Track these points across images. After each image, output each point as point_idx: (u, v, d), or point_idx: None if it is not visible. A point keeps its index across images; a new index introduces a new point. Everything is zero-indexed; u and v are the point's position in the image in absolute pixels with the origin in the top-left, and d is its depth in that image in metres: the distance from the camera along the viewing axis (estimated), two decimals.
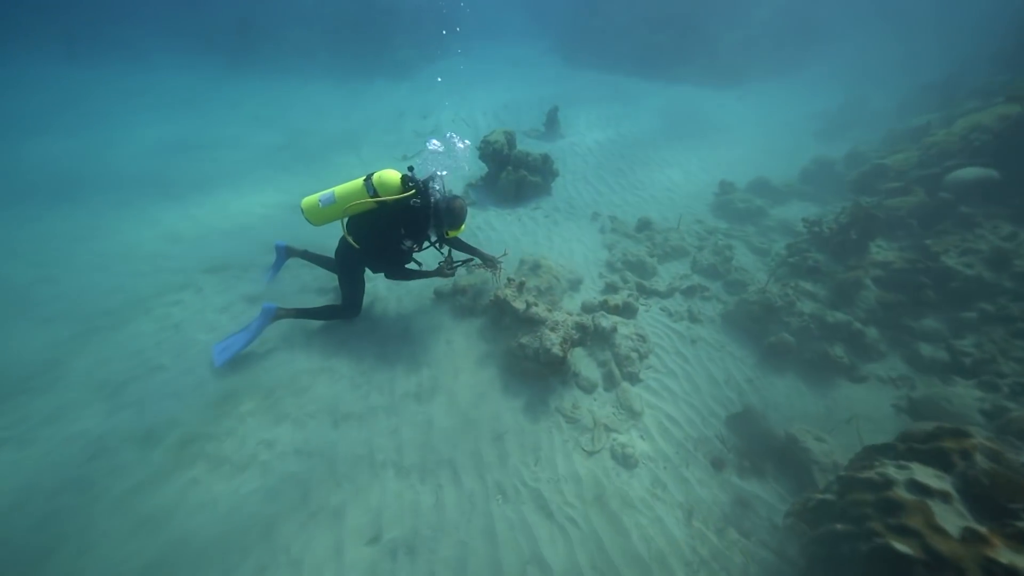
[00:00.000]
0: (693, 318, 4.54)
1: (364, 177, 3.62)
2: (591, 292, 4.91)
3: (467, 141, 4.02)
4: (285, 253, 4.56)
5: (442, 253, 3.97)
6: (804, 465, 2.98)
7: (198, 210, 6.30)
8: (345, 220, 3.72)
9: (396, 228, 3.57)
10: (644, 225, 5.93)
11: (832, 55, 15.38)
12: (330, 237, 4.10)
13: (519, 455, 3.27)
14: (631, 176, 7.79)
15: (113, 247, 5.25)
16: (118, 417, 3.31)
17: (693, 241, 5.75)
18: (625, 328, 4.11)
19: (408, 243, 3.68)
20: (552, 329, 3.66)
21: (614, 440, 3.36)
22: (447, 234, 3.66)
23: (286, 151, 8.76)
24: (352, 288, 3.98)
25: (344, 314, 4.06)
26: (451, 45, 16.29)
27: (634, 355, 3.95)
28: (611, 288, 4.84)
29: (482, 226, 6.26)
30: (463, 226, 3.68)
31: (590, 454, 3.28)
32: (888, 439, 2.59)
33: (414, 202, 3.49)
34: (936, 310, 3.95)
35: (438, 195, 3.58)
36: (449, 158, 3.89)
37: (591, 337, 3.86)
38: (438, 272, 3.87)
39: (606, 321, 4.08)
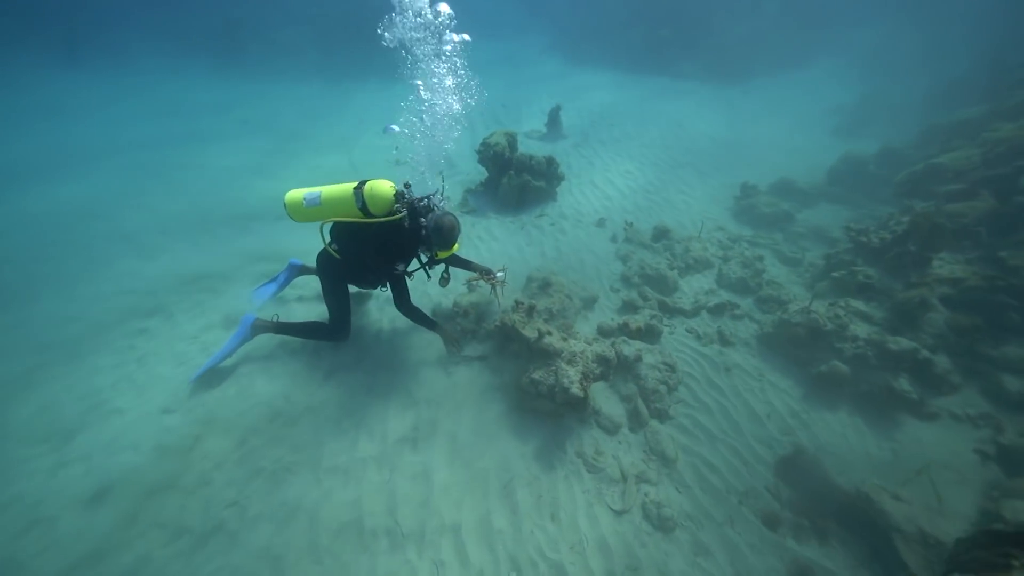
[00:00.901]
0: (724, 341, 4.04)
1: (355, 184, 3.14)
2: (607, 311, 4.41)
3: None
4: (298, 272, 4.15)
5: (429, 274, 3.47)
6: (881, 531, 2.48)
7: (175, 223, 5.80)
8: (327, 226, 3.28)
9: (384, 250, 3.14)
10: (661, 233, 5.42)
11: (843, 48, 14.86)
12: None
13: (534, 514, 2.77)
14: (641, 179, 7.29)
15: (76, 266, 4.75)
16: (62, 476, 2.81)
17: (716, 251, 5.25)
18: (650, 356, 3.61)
19: (401, 265, 3.21)
20: (569, 363, 3.15)
21: (646, 496, 2.86)
22: (436, 255, 3.17)
23: (275, 156, 8.27)
24: (336, 303, 3.48)
25: (331, 334, 3.56)
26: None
27: (662, 388, 3.45)
28: (630, 307, 4.34)
29: (483, 236, 5.76)
30: (456, 246, 3.19)
31: (619, 513, 2.78)
32: (976, 495, 2.10)
33: (401, 221, 3.06)
34: (1021, 335, 3.44)
35: (432, 215, 3.09)
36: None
37: (614, 370, 3.36)
38: (445, 334, 3.50)
39: (628, 348, 3.58)
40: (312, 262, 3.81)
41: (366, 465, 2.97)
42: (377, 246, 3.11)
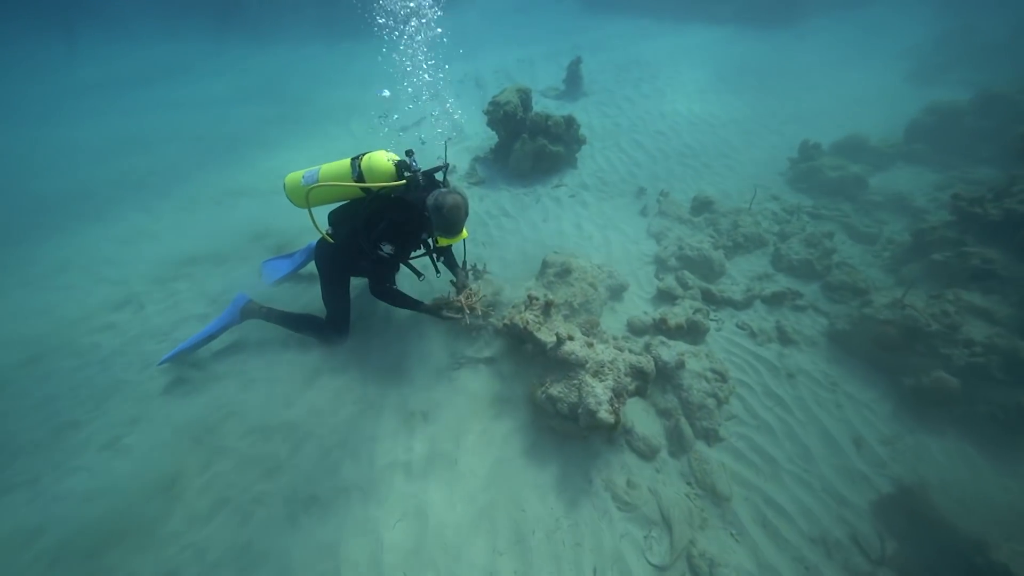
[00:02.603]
0: (785, 339, 3.30)
1: (352, 157, 2.75)
2: (639, 302, 3.70)
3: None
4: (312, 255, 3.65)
5: (437, 267, 2.94)
6: None
7: (162, 202, 5.28)
8: (326, 210, 2.88)
9: (375, 225, 2.65)
10: (703, 205, 4.57)
11: None
12: None
13: (553, 568, 2.23)
14: (676, 140, 6.30)
15: (51, 252, 4.31)
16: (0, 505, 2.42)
17: (770, 226, 4.38)
18: (696, 362, 2.92)
19: (387, 248, 2.60)
20: (596, 375, 2.51)
21: (692, 545, 2.27)
22: (437, 242, 2.54)
23: (274, 125, 7.57)
24: (334, 299, 3.02)
25: (327, 334, 3.08)
26: None
27: (710, 402, 2.78)
28: (666, 296, 3.61)
29: (492, 211, 5.03)
30: (463, 233, 2.56)
31: (659, 569, 2.20)
32: None
33: (399, 195, 2.60)
34: None
35: (435, 191, 2.56)
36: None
37: (651, 383, 2.69)
38: (435, 311, 2.88)
39: (668, 352, 2.90)
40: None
41: (349, 497, 2.47)
42: (365, 220, 2.65)
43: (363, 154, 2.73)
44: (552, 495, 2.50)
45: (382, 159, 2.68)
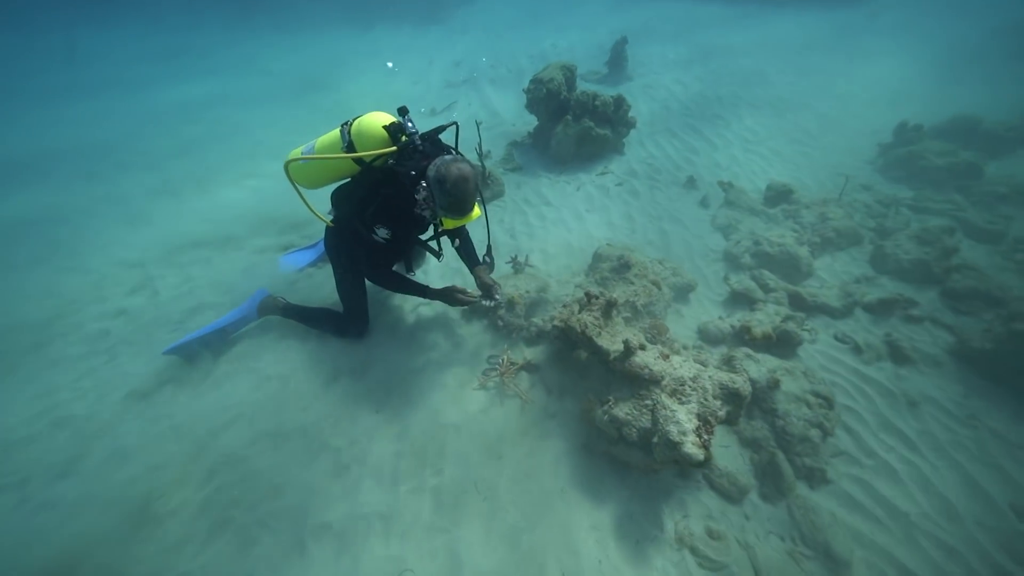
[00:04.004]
0: (899, 357, 2.67)
1: (344, 123, 2.32)
2: (708, 305, 3.14)
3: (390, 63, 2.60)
4: None
5: (439, 251, 2.54)
6: None
7: (183, 184, 5.09)
8: (298, 189, 2.46)
9: (369, 205, 2.25)
10: (780, 194, 3.93)
11: None
12: None
13: None
14: (736, 125, 5.62)
15: (68, 232, 4.15)
16: None
17: (863, 219, 3.70)
18: (792, 382, 2.35)
19: (383, 232, 2.24)
20: (675, 395, 1.99)
21: None
22: (441, 224, 2.17)
23: (300, 109, 7.36)
24: (348, 290, 2.66)
25: (344, 329, 2.76)
26: None
27: (814, 433, 2.21)
28: (742, 299, 3.04)
29: (531, 199, 4.56)
30: (474, 212, 2.10)
31: None
32: None
33: (391, 162, 2.17)
34: None
35: (438, 160, 2.08)
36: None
37: (745, 409, 2.14)
38: (446, 296, 2.45)
39: (756, 368, 2.35)
40: None
41: (369, 526, 2.06)
42: (359, 199, 2.26)
43: (356, 118, 2.29)
44: (612, 540, 2.01)
45: (372, 121, 2.23)
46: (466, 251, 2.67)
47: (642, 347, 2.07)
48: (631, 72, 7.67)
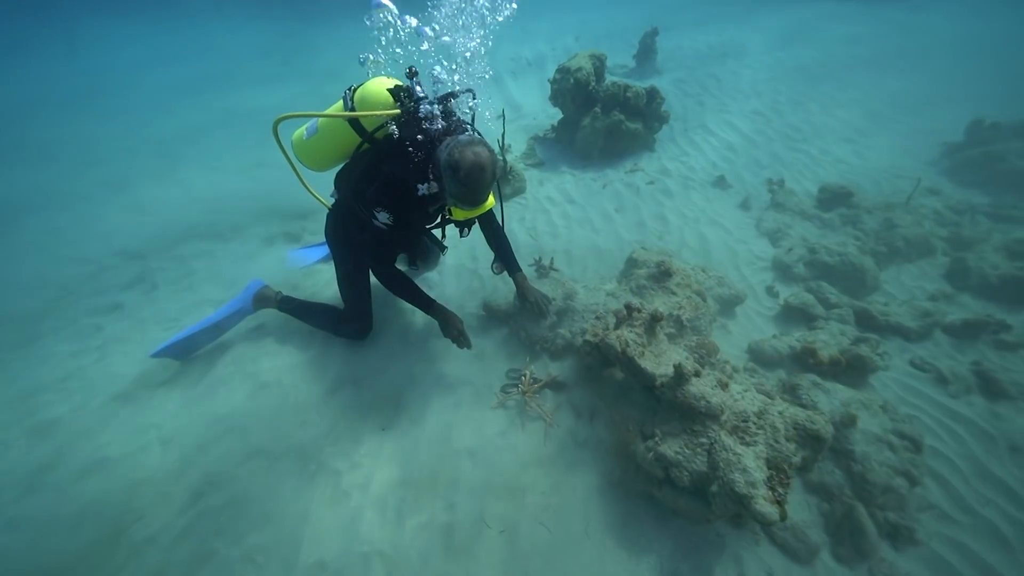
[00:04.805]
0: (993, 390, 2.27)
1: (345, 90, 2.08)
2: (758, 320, 2.77)
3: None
4: None
5: (443, 240, 2.32)
6: None
7: (189, 172, 4.92)
8: (289, 157, 2.27)
9: (370, 183, 1.99)
10: (837, 197, 3.53)
11: None
12: None
13: None
14: (779, 122, 5.19)
15: (70, 219, 3.99)
16: None
17: (932, 228, 3.28)
18: (870, 418, 1.98)
19: (383, 216, 1.96)
20: (737, 433, 1.65)
21: None
22: (449, 212, 1.95)
23: (314, 97, 7.17)
24: (349, 285, 2.41)
25: (344, 327, 2.51)
26: None
27: (899, 482, 1.84)
28: (798, 314, 2.66)
29: (554, 196, 4.24)
30: (488, 202, 1.84)
31: None
32: None
33: (394, 129, 1.87)
34: None
35: (451, 140, 1.79)
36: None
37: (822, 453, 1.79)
38: (446, 323, 2.23)
39: (826, 399, 1.99)
40: None
41: (368, 567, 1.78)
42: (360, 176, 2.02)
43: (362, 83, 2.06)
44: None
45: (377, 88, 1.97)
46: (501, 250, 2.39)
47: (697, 373, 1.73)
48: (660, 66, 7.28)
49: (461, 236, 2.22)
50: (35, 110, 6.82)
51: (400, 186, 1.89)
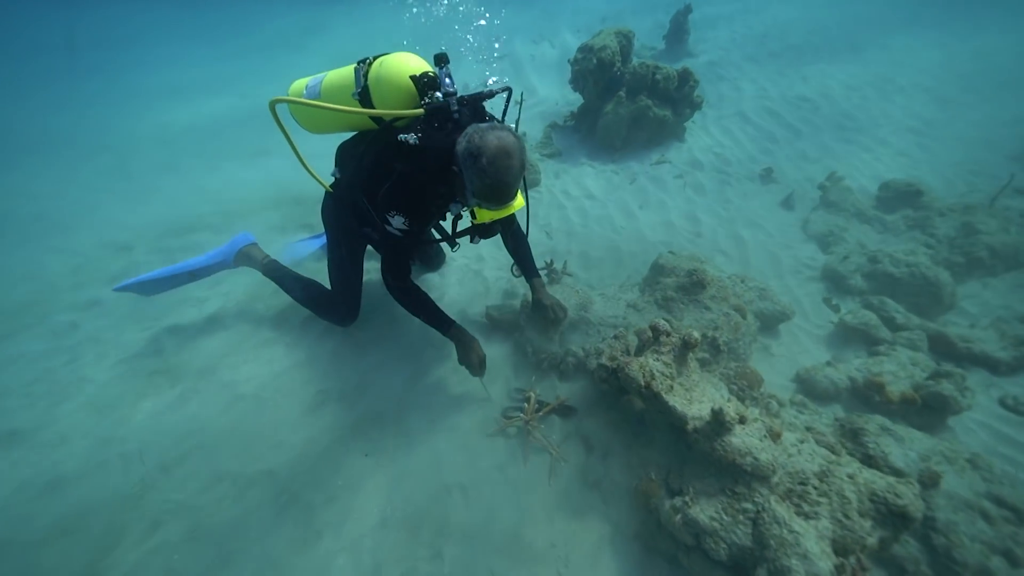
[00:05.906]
0: None
1: (361, 60, 1.77)
2: (806, 340, 2.36)
3: None
4: None
5: (453, 238, 1.84)
6: None
7: (190, 160, 4.73)
8: (286, 133, 1.82)
9: (380, 180, 1.68)
10: (903, 196, 3.04)
11: None
12: None
13: None
14: (828, 109, 4.63)
15: (65, 208, 3.85)
16: None
17: (1020, 235, 2.76)
18: (956, 476, 1.59)
19: (397, 220, 1.66)
20: (792, 499, 1.29)
21: None
22: (473, 215, 1.57)
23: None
24: (336, 267, 2.20)
25: (330, 309, 2.31)
26: None
27: (997, 563, 1.45)
28: (856, 335, 2.25)
29: (571, 190, 3.86)
30: (517, 201, 1.52)
31: None
32: None
33: (411, 137, 1.51)
34: None
35: (472, 128, 1.46)
36: None
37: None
38: (463, 348, 1.94)
39: (901, 452, 1.60)
40: None
41: None
42: (368, 166, 1.75)
43: (380, 56, 1.73)
44: None
45: (398, 67, 1.65)
46: (519, 252, 2.09)
47: (742, 420, 1.37)
48: (692, 48, 6.69)
49: (472, 242, 1.89)
50: (42, 95, 6.79)
51: (416, 188, 1.61)
